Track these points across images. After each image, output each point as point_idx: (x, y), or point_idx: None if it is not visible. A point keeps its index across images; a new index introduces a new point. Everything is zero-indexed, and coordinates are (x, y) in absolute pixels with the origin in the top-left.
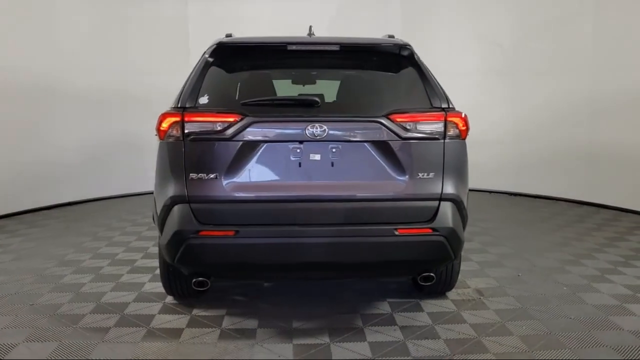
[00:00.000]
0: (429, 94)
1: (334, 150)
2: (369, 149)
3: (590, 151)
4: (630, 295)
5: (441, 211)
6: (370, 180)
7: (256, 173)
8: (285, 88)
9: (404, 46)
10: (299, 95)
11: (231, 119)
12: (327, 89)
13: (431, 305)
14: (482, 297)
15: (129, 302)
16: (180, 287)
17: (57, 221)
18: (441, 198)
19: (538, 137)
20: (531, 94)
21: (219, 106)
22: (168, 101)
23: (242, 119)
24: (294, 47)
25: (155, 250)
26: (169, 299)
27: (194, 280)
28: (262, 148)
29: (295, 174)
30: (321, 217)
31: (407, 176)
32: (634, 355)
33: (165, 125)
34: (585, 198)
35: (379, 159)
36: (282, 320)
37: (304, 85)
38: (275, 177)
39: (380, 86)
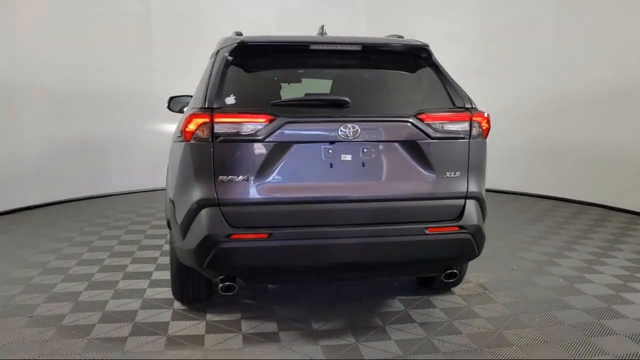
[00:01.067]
0: (451, 94)
1: (364, 150)
2: (399, 148)
3: (552, 147)
4: (621, 284)
5: (467, 209)
6: (401, 180)
7: (288, 174)
8: (307, 88)
9: (423, 47)
10: (328, 95)
11: (262, 120)
12: (350, 89)
13: (441, 301)
14: (487, 292)
15: (137, 310)
16: (193, 292)
17: (25, 226)
18: (466, 196)
19: (502, 134)
20: (496, 93)
21: (247, 106)
22: (134, 100)
23: (274, 120)
24: (315, 47)
25: (145, 255)
26: (177, 304)
27: (222, 285)
28: (294, 149)
29: (327, 175)
30: (353, 218)
31: (435, 175)
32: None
33: (192, 126)
34: (548, 192)
35: (408, 158)
36: (300, 322)
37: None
38: (307, 178)
39: (403, 86)
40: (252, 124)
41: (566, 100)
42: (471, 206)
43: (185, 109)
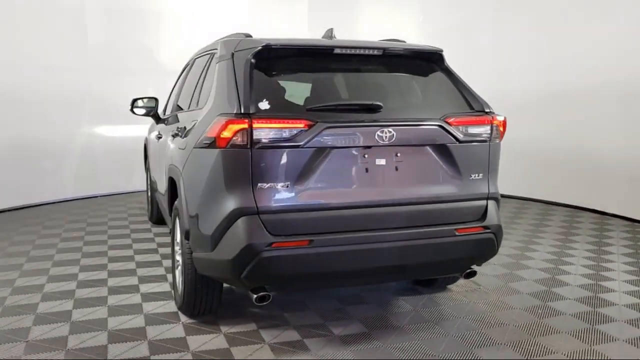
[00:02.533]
0: (467, 98)
1: (397, 154)
2: (430, 152)
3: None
4: (593, 274)
5: (489, 209)
6: (431, 183)
7: (326, 180)
8: (332, 92)
9: (438, 52)
10: (362, 99)
11: (301, 125)
12: (375, 93)
13: (445, 299)
14: (481, 287)
15: (144, 327)
16: (206, 304)
17: None
18: (488, 197)
19: None
20: None
21: (281, 111)
22: (70, 100)
23: (313, 125)
24: (339, 51)
25: (119, 267)
26: (184, 318)
27: (257, 295)
28: (331, 154)
29: (363, 180)
30: (389, 222)
31: (461, 177)
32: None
33: (228, 133)
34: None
35: (438, 161)
36: (318, 328)
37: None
38: (345, 184)
39: (423, 91)
40: (292, 130)
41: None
42: (492, 206)
43: (166, 113)
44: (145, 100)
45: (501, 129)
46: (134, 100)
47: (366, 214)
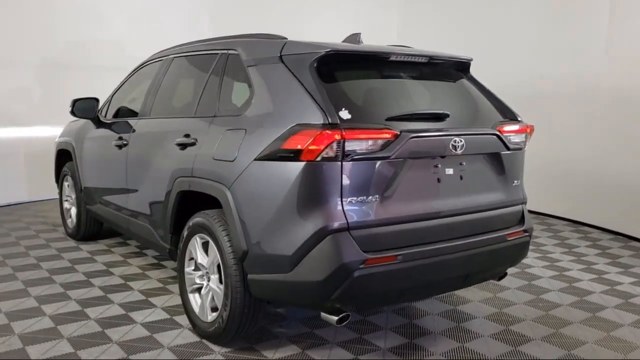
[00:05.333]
0: (497, 106)
1: (462, 163)
2: (486, 160)
3: None
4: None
5: (525, 214)
6: (488, 191)
7: (407, 191)
8: (401, 100)
9: (470, 61)
10: (433, 108)
11: (388, 136)
12: (435, 101)
13: (459, 299)
14: (494, 280)
15: None
16: (247, 329)
17: None
18: (523, 202)
19: None
20: None
21: (362, 121)
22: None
23: (399, 136)
24: (394, 58)
25: (107, 283)
26: (217, 347)
27: (339, 317)
28: (411, 165)
29: (437, 190)
30: (459, 231)
31: (507, 184)
32: None
33: (319, 144)
34: None
35: (492, 169)
36: (361, 343)
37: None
38: (422, 194)
39: (469, 99)
40: (379, 141)
41: None
42: (525, 210)
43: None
44: (87, 101)
45: (530, 136)
46: (75, 101)
47: (441, 224)
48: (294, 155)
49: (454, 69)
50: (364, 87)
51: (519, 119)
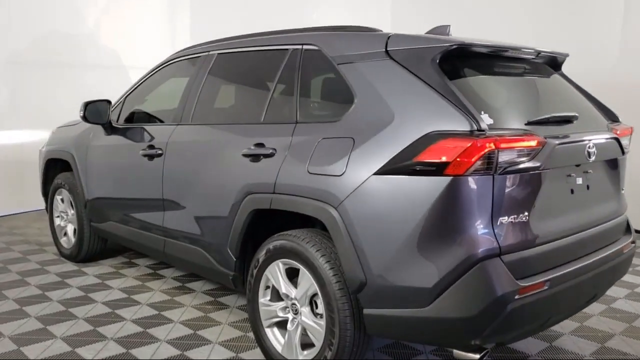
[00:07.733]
0: (598, 106)
1: (588, 171)
2: (607, 166)
3: None
4: None
5: (629, 223)
6: (608, 200)
7: (547, 206)
8: (529, 101)
9: (567, 57)
10: (564, 111)
11: (534, 143)
12: (559, 102)
13: None
14: None
15: None
16: None
17: None
18: (625, 210)
19: None
20: None
21: (505, 126)
22: None
23: (545, 143)
24: (509, 54)
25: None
26: None
27: (482, 354)
28: (552, 175)
29: (571, 202)
30: (589, 246)
31: (619, 191)
32: None
33: (469, 156)
34: None
35: (610, 176)
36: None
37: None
38: (560, 208)
39: (574, 99)
40: (528, 149)
41: None
42: (628, 219)
43: (123, 121)
44: (98, 104)
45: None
46: (87, 104)
47: (575, 241)
48: (436, 169)
49: (550, 66)
50: (492, 87)
51: (620, 120)
